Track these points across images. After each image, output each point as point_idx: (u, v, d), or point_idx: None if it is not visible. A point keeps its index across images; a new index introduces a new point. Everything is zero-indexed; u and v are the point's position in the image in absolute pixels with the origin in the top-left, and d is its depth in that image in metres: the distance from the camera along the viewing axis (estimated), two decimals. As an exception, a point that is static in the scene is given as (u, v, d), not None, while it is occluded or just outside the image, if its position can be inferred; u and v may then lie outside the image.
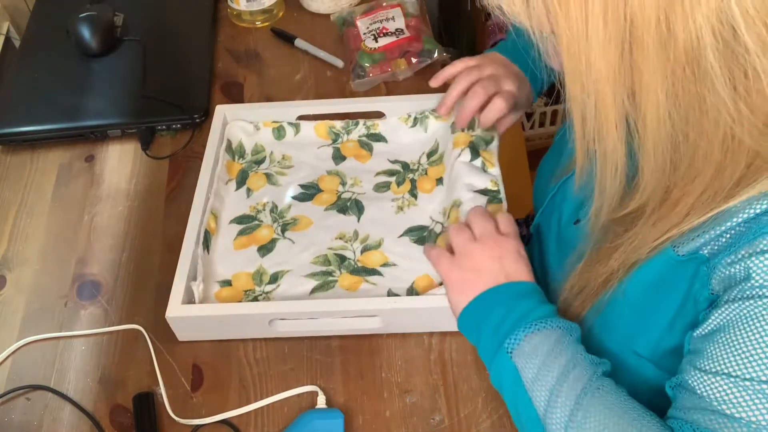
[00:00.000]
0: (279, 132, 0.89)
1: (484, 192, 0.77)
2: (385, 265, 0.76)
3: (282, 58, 1.03)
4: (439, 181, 0.83)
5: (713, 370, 0.48)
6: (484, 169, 0.80)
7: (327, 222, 0.80)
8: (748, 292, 0.47)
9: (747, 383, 0.46)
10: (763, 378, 0.46)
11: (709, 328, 0.50)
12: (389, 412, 0.68)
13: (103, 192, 0.88)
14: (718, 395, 0.48)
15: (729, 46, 0.42)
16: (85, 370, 0.72)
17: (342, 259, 0.76)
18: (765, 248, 0.46)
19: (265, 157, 0.87)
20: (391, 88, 0.97)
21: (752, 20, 0.41)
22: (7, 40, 1.14)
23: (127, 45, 1.01)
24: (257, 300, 0.74)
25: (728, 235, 0.49)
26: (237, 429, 0.67)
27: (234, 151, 0.87)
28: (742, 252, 0.47)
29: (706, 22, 0.41)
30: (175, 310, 0.69)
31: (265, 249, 0.78)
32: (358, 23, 1.01)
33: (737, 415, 0.46)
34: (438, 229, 0.79)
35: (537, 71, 0.72)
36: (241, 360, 0.72)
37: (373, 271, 0.75)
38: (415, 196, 0.82)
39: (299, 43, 1.03)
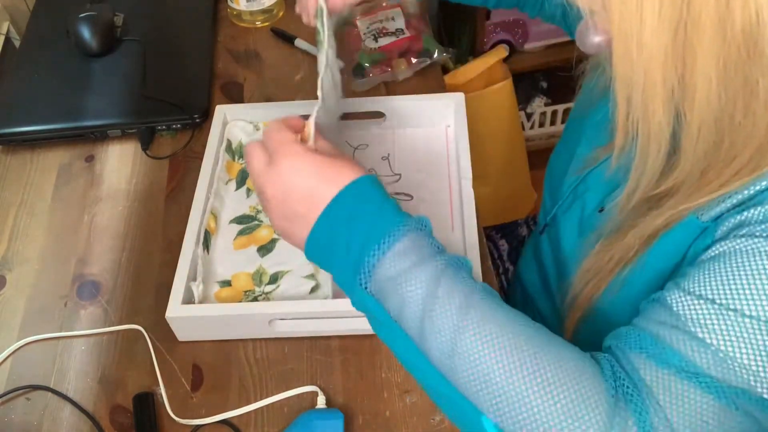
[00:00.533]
0: None
1: None
2: None
3: (282, 58, 1.03)
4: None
5: (698, 293, 0.47)
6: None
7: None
8: (742, 230, 0.47)
9: (730, 313, 0.46)
10: (747, 312, 0.45)
11: (703, 257, 0.50)
12: (389, 412, 0.68)
13: (103, 192, 0.88)
14: (695, 317, 0.47)
15: None
16: (85, 370, 0.72)
17: None
18: (764, 198, 0.47)
19: None
20: (391, 88, 0.97)
21: None
22: (7, 40, 1.14)
23: (127, 45, 1.01)
24: (257, 300, 0.74)
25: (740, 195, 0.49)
26: (237, 429, 0.67)
27: (234, 151, 0.87)
28: (744, 205, 0.48)
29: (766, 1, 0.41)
30: (175, 310, 0.69)
31: (265, 249, 0.78)
32: (358, 23, 1.01)
33: (709, 341, 0.46)
34: None
35: None
36: (241, 360, 0.72)
37: None
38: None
39: (299, 43, 1.03)
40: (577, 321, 0.65)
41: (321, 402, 0.67)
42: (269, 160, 0.55)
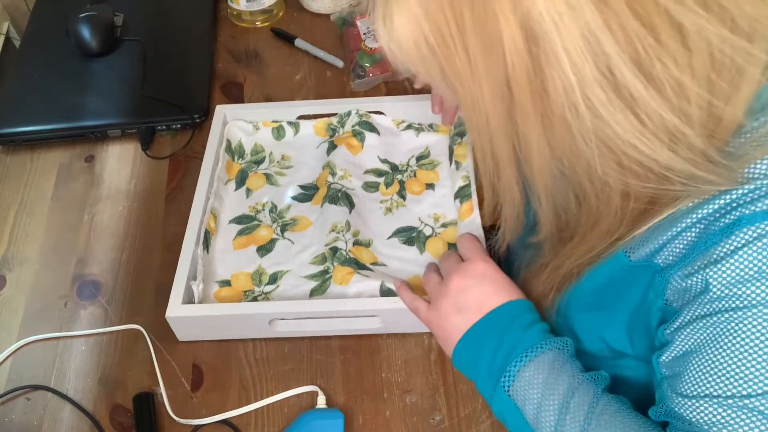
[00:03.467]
0: (278, 132, 0.89)
1: (457, 194, 0.78)
2: (374, 264, 0.76)
3: (282, 58, 1.03)
4: (429, 186, 0.83)
5: (695, 393, 0.48)
6: (457, 167, 0.80)
7: (323, 218, 0.80)
8: (709, 307, 0.46)
9: (730, 401, 0.46)
10: (744, 393, 0.45)
11: (678, 349, 0.49)
12: (389, 412, 0.68)
13: (103, 192, 0.88)
14: (706, 418, 0.47)
15: (592, 110, 0.43)
16: (85, 370, 0.72)
17: (334, 250, 0.76)
18: (719, 257, 0.45)
19: (264, 158, 0.87)
20: (391, 88, 0.97)
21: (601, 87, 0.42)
22: (7, 40, 1.14)
23: (127, 45, 1.01)
24: (256, 300, 0.74)
25: (681, 245, 0.48)
26: (237, 429, 0.67)
27: (233, 151, 0.87)
28: (697, 263, 0.46)
29: (572, 85, 0.42)
30: (175, 310, 0.69)
31: (265, 249, 0.78)
32: (358, 23, 1.01)
33: None
34: (427, 231, 0.79)
35: None
36: (241, 360, 0.72)
37: (364, 266, 0.75)
38: (403, 197, 0.82)
39: (299, 43, 1.03)
40: None
41: (321, 402, 0.67)
42: (467, 256, 0.65)
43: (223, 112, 0.88)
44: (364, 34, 1.00)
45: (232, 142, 0.87)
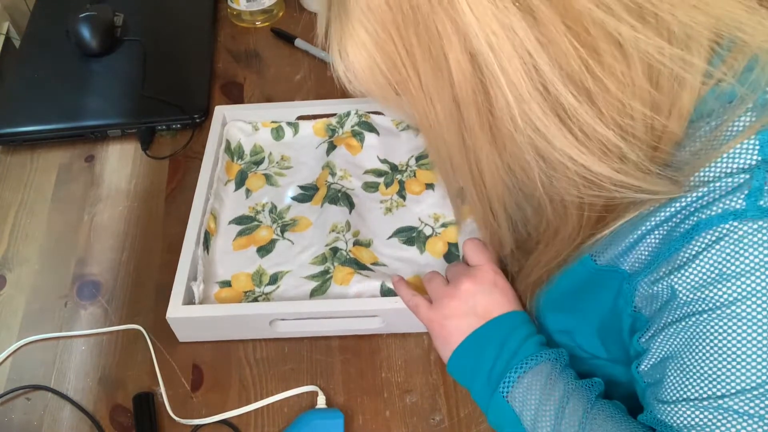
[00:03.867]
0: (278, 132, 0.89)
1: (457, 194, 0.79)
2: (375, 264, 0.76)
3: (282, 58, 1.03)
4: (429, 186, 0.83)
5: (673, 398, 0.48)
6: None
7: (322, 218, 0.80)
8: (677, 312, 0.47)
9: (705, 403, 0.46)
10: (718, 394, 0.46)
11: (655, 357, 0.50)
12: (389, 412, 0.68)
13: (103, 192, 0.88)
14: (685, 421, 0.48)
15: (529, 125, 0.44)
16: (85, 370, 0.72)
17: (335, 250, 0.76)
18: (681, 263, 0.45)
19: (264, 158, 0.88)
20: (391, 88, 0.97)
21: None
22: (7, 40, 1.14)
23: (127, 45, 1.01)
24: (257, 300, 0.74)
25: (646, 252, 0.48)
26: (237, 429, 0.67)
27: (233, 152, 0.87)
28: (662, 270, 0.47)
29: (509, 102, 0.43)
30: (176, 310, 0.69)
31: (265, 250, 0.78)
32: (358, 23, 1.01)
33: None
34: (427, 231, 0.79)
35: None
36: (241, 360, 0.72)
37: (364, 267, 0.75)
38: (403, 197, 0.82)
39: (299, 43, 1.03)
40: None
41: (321, 402, 0.67)
42: (475, 261, 0.65)
43: (222, 112, 0.88)
44: (364, 34, 1.00)
45: (231, 143, 0.87)
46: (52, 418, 0.69)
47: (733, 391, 0.45)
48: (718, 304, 0.44)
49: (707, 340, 0.45)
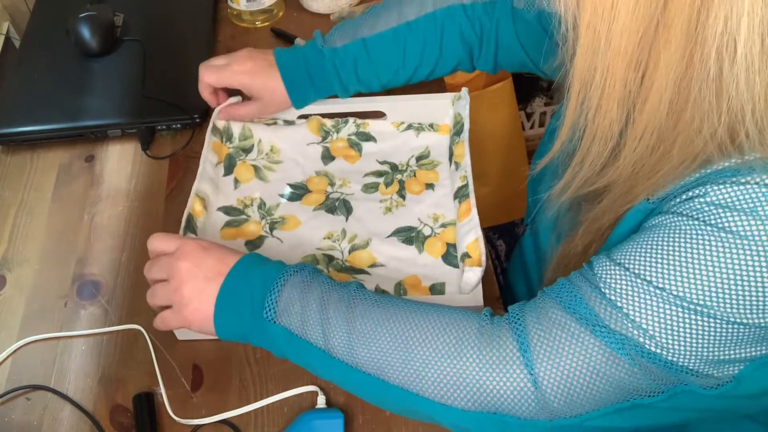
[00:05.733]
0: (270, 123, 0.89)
1: (456, 194, 0.79)
2: (373, 265, 0.76)
3: (282, 58, 1.02)
4: (429, 186, 0.83)
5: (615, 259, 0.52)
6: (456, 168, 0.80)
7: (315, 222, 0.80)
8: (681, 207, 0.49)
9: (638, 281, 0.49)
10: (648, 278, 0.49)
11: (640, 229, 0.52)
12: (389, 412, 0.68)
13: (103, 192, 0.88)
14: (608, 280, 0.51)
15: (737, 58, 0.43)
16: (85, 370, 0.72)
17: (330, 258, 0.76)
18: (725, 179, 0.47)
19: (252, 145, 0.87)
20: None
21: None
22: (7, 40, 1.14)
23: (127, 45, 1.01)
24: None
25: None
26: (237, 429, 0.67)
27: (222, 132, 0.87)
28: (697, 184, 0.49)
29: (739, 18, 0.42)
30: (175, 310, 0.69)
31: (253, 245, 0.78)
32: (358, 23, 1.01)
33: (614, 299, 0.50)
34: (426, 231, 0.79)
35: (308, 88, 0.81)
36: (241, 360, 0.72)
37: (361, 271, 0.75)
38: (403, 197, 0.82)
39: (299, 43, 1.03)
40: None
41: (321, 402, 0.67)
42: (167, 246, 0.66)
43: (222, 112, 0.88)
44: (364, 34, 1.00)
45: (218, 125, 0.87)
46: (52, 418, 0.69)
47: (661, 286, 0.48)
48: (720, 225, 0.47)
49: (694, 248, 0.48)
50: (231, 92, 0.88)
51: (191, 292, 0.62)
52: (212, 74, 0.83)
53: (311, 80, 0.82)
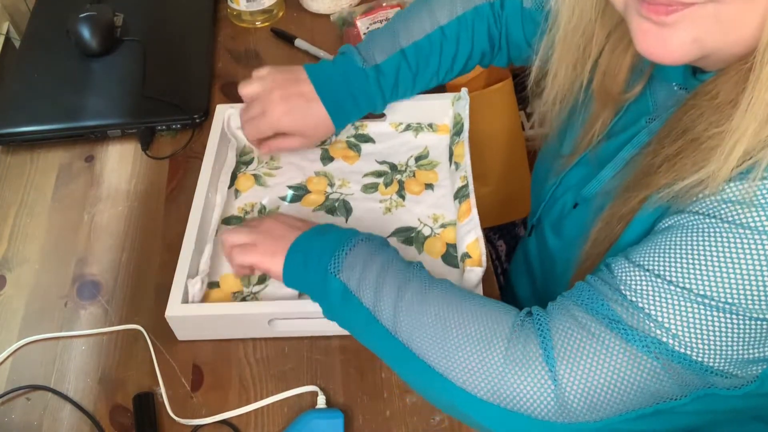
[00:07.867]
0: None
1: (456, 194, 0.79)
2: None
3: (282, 58, 1.03)
4: (428, 186, 0.83)
5: (635, 261, 0.52)
6: (456, 168, 0.80)
7: (315, 221, 0.80)
8: (697, 206, 0.50)
9: (656, 279, 0.50)
10: (669, 278, 0.49)
11: (656, 229, 0.53)
12: (389, 412, 0.68)
13: (103, 192, 0.88)
14: (628, 281, 0.51)
15: None
16: (85, 370, 0.72)
17: None
18: (745, 176, 0.48)
19: (252, 159, 0.87)
20: (391, 88, 0.97)
21: None
22: (7, 40, 1.14)
23: (127, 45, 1.01)
24: (245, 300, 0.74)
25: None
26: (237, 429, 0.67)
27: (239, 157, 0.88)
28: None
29: None
30: (175, 309, 0.69)
31: None
32: (358, 23, 1.01)
33: (635, 300, 0.50)
34: (426, 231, 0.79)
35: (353, 103, 0.79)
36: (241, 360, 0.72)
37: None
38: (402, 197, 0.82)
39: (299, 43, 1.03)
40: None
41: (321, 402, 0.67)
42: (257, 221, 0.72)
43: (223, 112, 0.88)
44: (364, 34, 1.00)
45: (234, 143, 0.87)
46: (52, 418, 0.69)
47: (681, 284, 0.49)
48: (738, 222, 0.47)
49: (696, 237, 0.49)
50: (234, 94, 0.88)
51: (276, 231, 0.68)
52: (252, 130, 0.81)
53: (356, 103, 0.80)
